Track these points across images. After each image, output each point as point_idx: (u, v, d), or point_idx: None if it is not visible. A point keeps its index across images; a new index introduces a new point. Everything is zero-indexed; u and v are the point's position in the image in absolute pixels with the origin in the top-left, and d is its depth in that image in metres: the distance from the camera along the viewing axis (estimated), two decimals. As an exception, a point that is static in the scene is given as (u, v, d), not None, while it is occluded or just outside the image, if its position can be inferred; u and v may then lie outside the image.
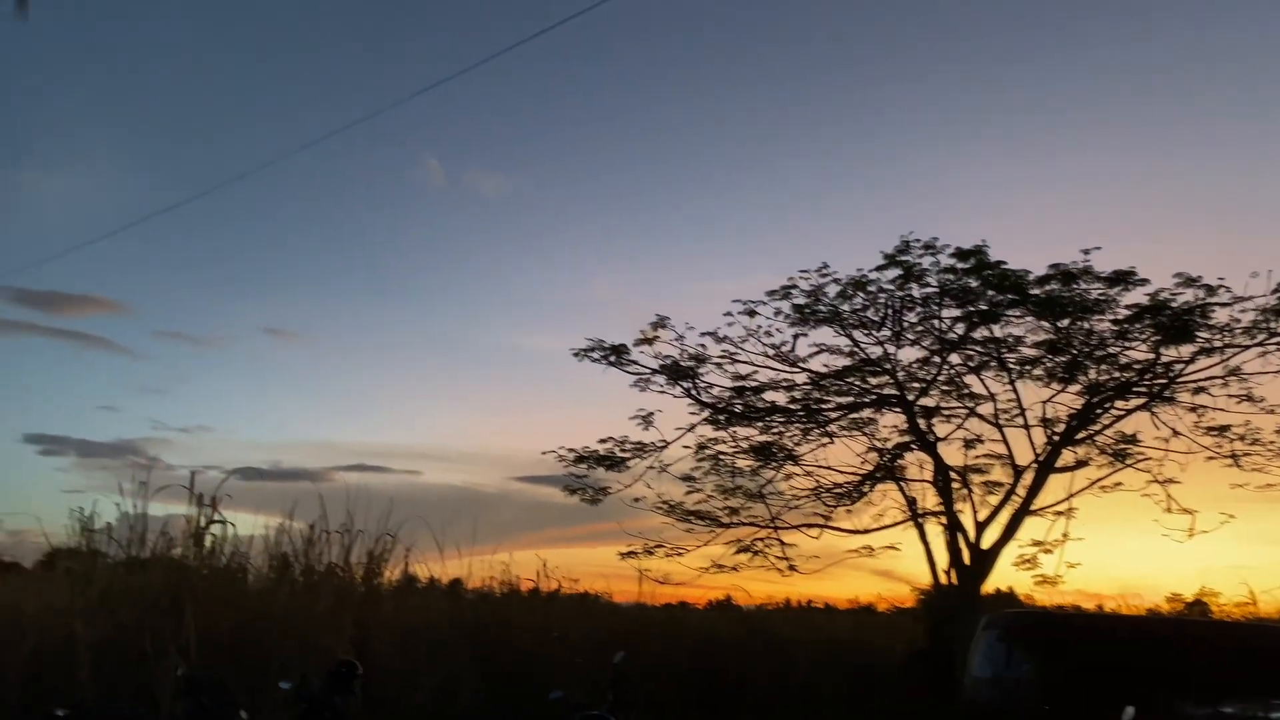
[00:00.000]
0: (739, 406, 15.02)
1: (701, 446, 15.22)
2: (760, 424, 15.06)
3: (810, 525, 14.78)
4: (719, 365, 14.78)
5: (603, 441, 15.30)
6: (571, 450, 15.32)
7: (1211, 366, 13.67)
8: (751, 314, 14.50)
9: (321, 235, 46.29)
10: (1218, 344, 13.59)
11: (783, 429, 15.05)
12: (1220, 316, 13.30)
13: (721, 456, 15.25)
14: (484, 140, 46.03)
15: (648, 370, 14.93)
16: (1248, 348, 13.51)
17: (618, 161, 45.07)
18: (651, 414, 14.95)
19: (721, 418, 15.08)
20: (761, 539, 14.74)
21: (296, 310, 47.39)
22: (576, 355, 14.93)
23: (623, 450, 15.16)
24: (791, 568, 14.62)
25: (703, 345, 14.74)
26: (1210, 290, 13.32)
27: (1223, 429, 14.18)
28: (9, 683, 11.34)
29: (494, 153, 46.90)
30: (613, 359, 14.92)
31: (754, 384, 14.80)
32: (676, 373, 14.83)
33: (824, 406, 14.98)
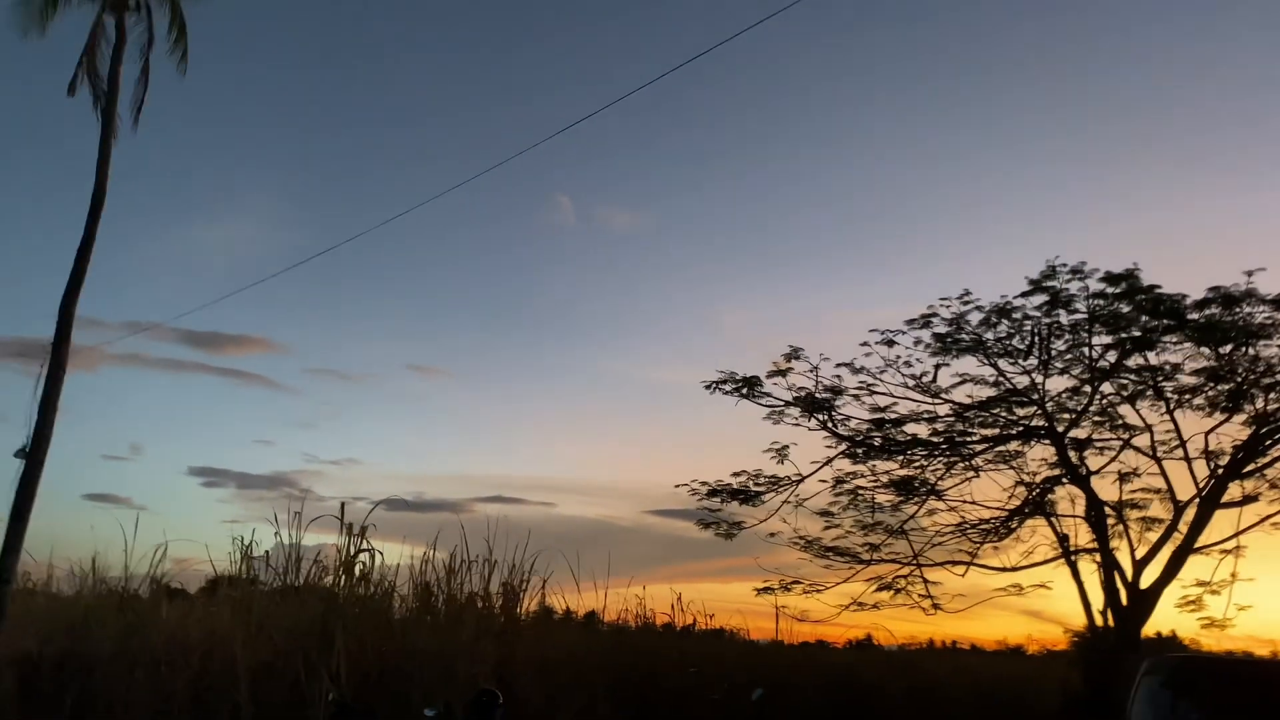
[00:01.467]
0: (878, 439, 16.04)
1: (839, 480, 16.35)
2: (901, 457, 16.03)
3: (955, 562, 15.67)
4: (856, 397, 15.84)
5: (736, 475, 16.56)
6: (704, 484, 16.67)
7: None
8: (890, 344, 15.58)
9: (462, 274, 50.76)
10: (1407, 369, 14.22)
11: (924, 462, 16.02)
12: None
13: (860, 491, 16.34)
14: (613, 177, 49.38)
15: (781, 402, 16.10)
16: None
17: (745, 195, 47.39)
18: (786, 447, 16.06)
19: (859, 451, 16.11)
20: (903, 576, 15.71)
21: (439, 347, 52.18)
22: (708, 388, 16.46)
23: (756, 484, 16.47)
24: (936, 606, 15.49)
25: (838, 376, 15.87)
26: None
27: None
28: (177, 702, 13.75)
29: (623, 189, 50.32)
30: (745, 391, 16.34)
31: (893, 416, 15.81)
32: (811, 404, 16.14)
33: (968, 439, 15.86)
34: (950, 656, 21.41)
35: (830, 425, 16.17)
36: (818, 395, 16.10)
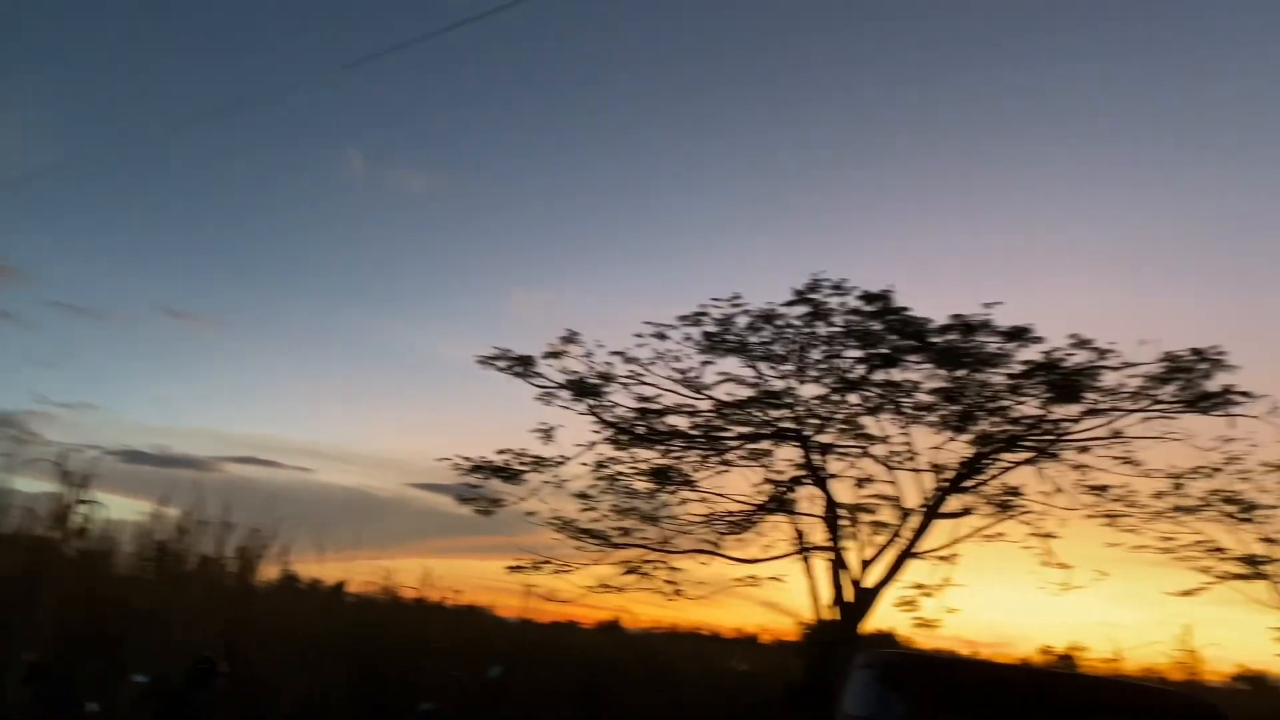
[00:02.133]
0: (641, 428, 16.93)
1: (600, 465, 17.15)
2: (661, 447, 17.03)
3: (700, 551, 16.84)
4: (625, 385, 16.74)
5: (501, 452, 17.08)
6: (467, 459, 17.08)
7: (1097, 427, 16.20)
8: (662, 337, 16.57)
9: (236, 218, 47.81)
10: (1104, 406, 16.31)
11: (682, 454, 17.12)
12: (1109, 380, 15.87)
13: (619, 476, 17.24)
14: (410, 137, 48.11)
15: (553, 384, 16.83)
16: (1131, 412, 16.19)
17: (546, 176, 47.64)
18: (553, 428, 16.78)
19: (623, 438, 16.98)
20: (650, 561, 16.77)
21: (203, 293, 48.99)
22: (482, 363, 17.00)
23: (520, 463, 17.06)
24: (678, 592, 16.67)
25: (610, 364, 16.71)
26: (1101, 353, 15.81)
27: (1102, 489, 16.74)
28: None
29: (419, 152, 49.08)
30: (519, 370, 17.03)
31: (658, 407, 16.83)
32: (582, 389, 16.79)
33: (724, 435, 17.08)
34: (689, 642, 23.13)
35: (598, 411, 17.11)
36: (589, 380, 16.99)
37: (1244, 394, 15.37)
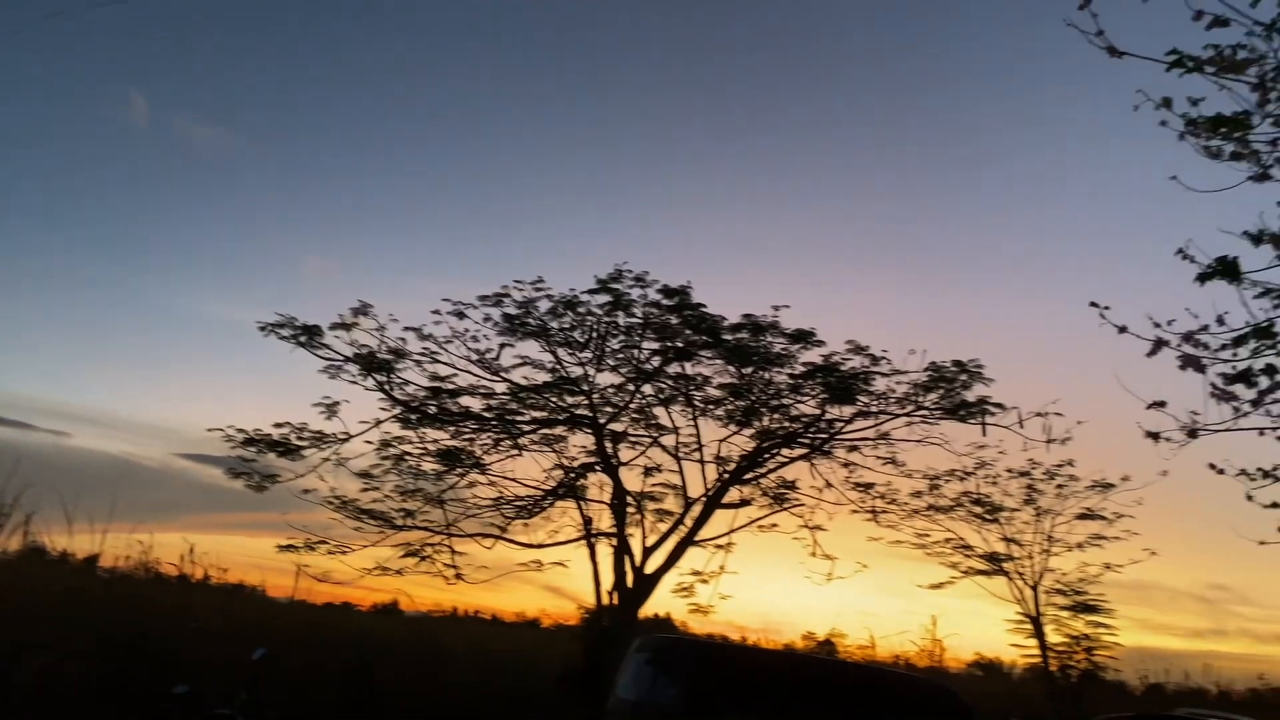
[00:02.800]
0: (432, 408, 16.77)
1: (386, 444, 16.73)
2: (451, 428, 16.87)
3: (485, 535, 16.74)
4: (418, 363, 16.38)
5: (278, 426, 16.28)
6: (242, 431, 16.21)
7: (866, 429, 17.42)
8: (460, 316, 16.29)
9: None
10: (874, 409, 17.81)
11: (474, 436, 17.00)
12: (879, 385, 17.06)
13: (406, 456, 16.88)
14: (201, 86, 44.74)
15: (341, 357, 16.23)
16: (897, 416, 17.69)
17: (349, 143, 45.65)
18: (337, 403, 16.10)
19: (413, 417, 16.64)
20: (433, 545, 16.54)
21: None
22: (263, 330, 16.23)
23: (300, 438, 16.55)
24: (459, 576, 16.69)
25: (403, 340, 16.29)
26: (874, 360, 17.10)
27: (868, 486, 18.10)
28: None
29: (211, 102, 45.71)
30: (304, 340, 16.40)
31: (451, 387, 16.59)
32: (371, 364, 16.53)
33: (518, 419, 17.17)
34: (469, 625, 23.14)
35: (387, 387, 16.67)
36: (380, 356, 16.54)
37: (997, 405, 16.86)
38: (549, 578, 17.72)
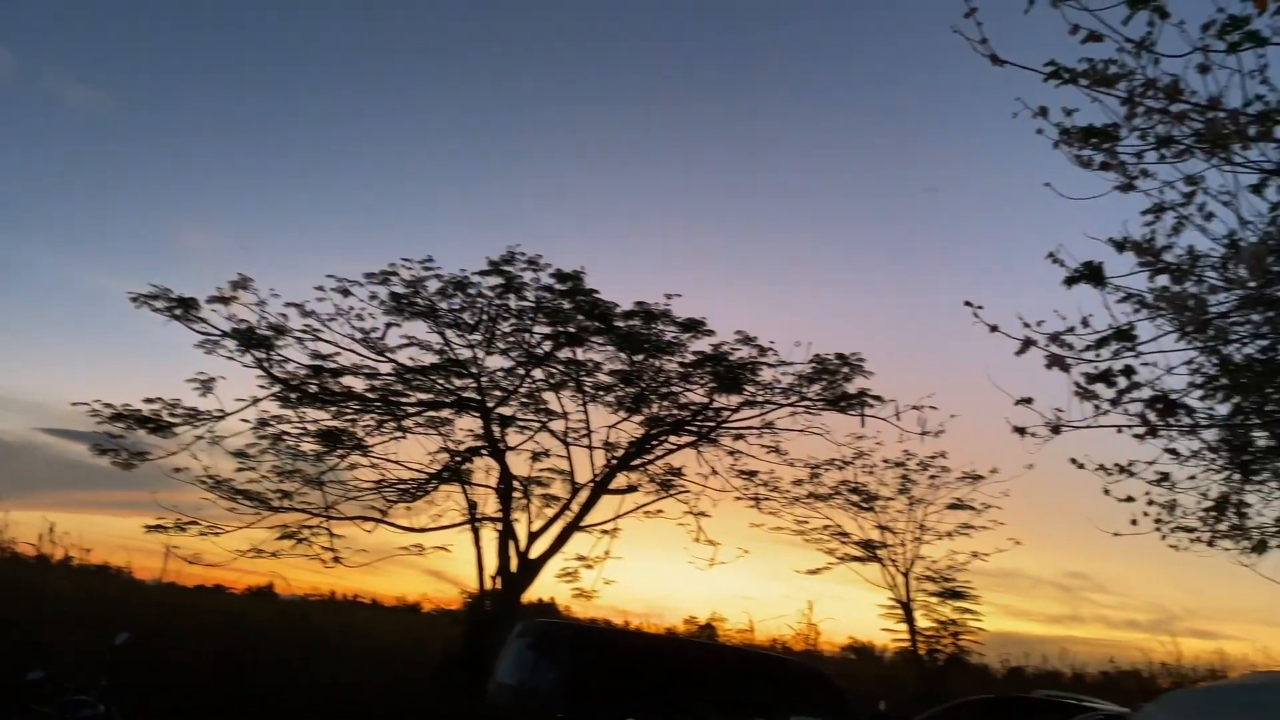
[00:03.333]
0: (314, 387, 16.36)
1: (264, 423, 16.22)
2: (333, 408, 16.45)
3: (366, 518, 16.46)
4: (300, 340, 15.87)
5: (149, 401, 15.57)
6: (109, 405, 15.64)
7: (752, 418, 17.73)
8: (345, 293, 15.84)
9: None
10: (760, 399, 18.22)
11: (356, 417, 16.62)
12: (766, 375, 17.39)
13: (284, 436, 16.39)
14: (76, 43, 42.22)
15: (218, 332, 15.74)
16: (782, 406, 18.15)
17: (234, 110, 43.78)
18: (213, 380, 15.47)
19: (292, 396, 16.16)
20: (310, 527, 16.18)
21: None
22: (135, 301, 15.54)
23: (172, 414, 15.96)
24: (337, 559, 16.24)
25: (285, 316, 15.72)
26: (762, 351, 17.48)
27: (751, 474, 18.48)
28: None
29: (86, 60, 43.15)
30: (179, 313, 15.80)
31: (334, 366, 16.14)
32: (250, 340, 16.01)
33: (403, 400, 16.84)
34: (348, 610, 22.71)
35: (266, 365, 16.16)
36: (259, 331, 16.00)
37: (876, 397, 17.39)
38: (432, 562, 17.55)
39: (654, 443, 17.92)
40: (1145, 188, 5.30)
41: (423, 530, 17.15)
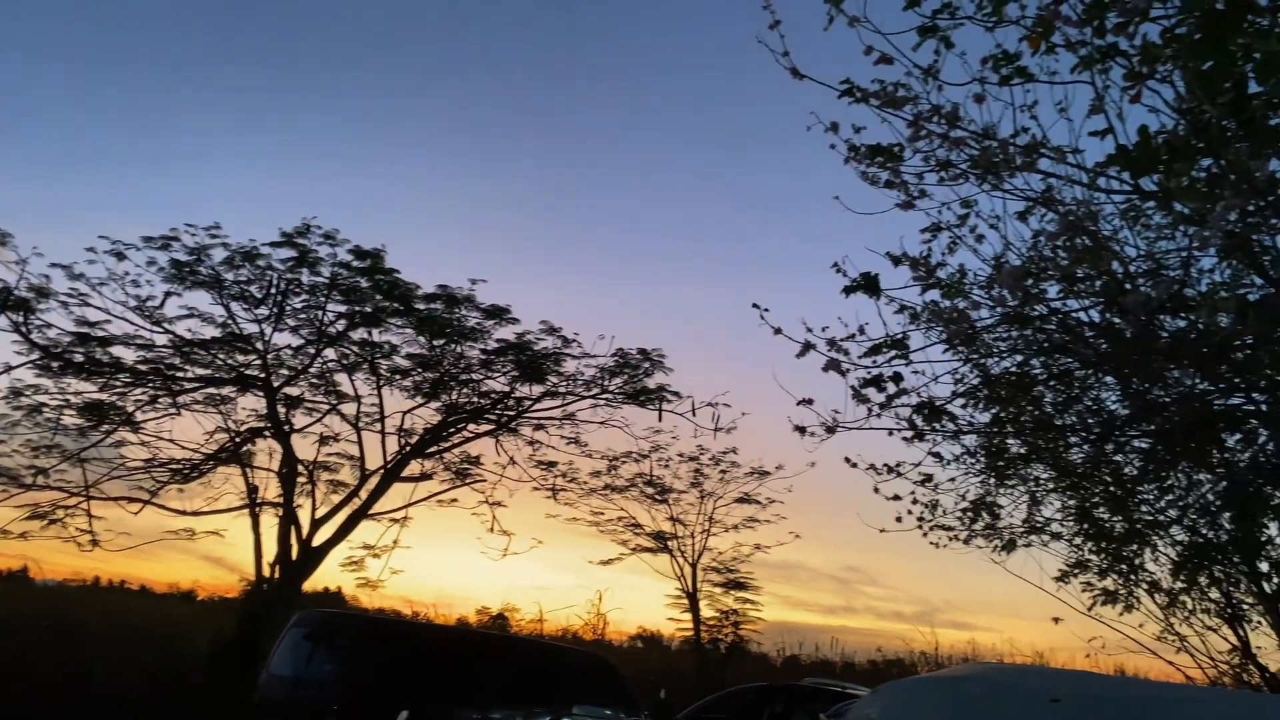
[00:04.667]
0: (79, 356, 15.36)
1: (18, 392, 15.05)
2: (100, 380, 15.39)
3: (132, 499, 15.44)
4: (64, 305, 14.72)
5: None
6: None
7: (553, 409, 17.77)
8: (120, 257, 14.76)
9: None
10: (562, 390, 18.31)
11: (126, 390, 15.54)
12: (569, 366, 17.43)
13: (43, 408, 15.26)
14: None
15: (-35, 291, 14.61)
16: (583, 398, 18.34)
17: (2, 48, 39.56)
18: None
19: (54, 365, 15.10)
20: (67, 507, 15.05)
21: None
22: None
23: (-94, 380, 14.55)
24: (95, 542, 15.23)
25: (48, 278, 14.57)
26: (566, 342, 17.65)
27: (550, 464, 18.68)
28: None
29: None
30: (-81, 267, 14.30)
31: (103, 334, 15.05)
32: (6, 301, 14.72)
33: (181, 375, 15.88)
34: (113, 596, 21.20)
35: (25, 329, 14.85)
36: (17, 292, 14.66)
37: (674, 393, 17.80)
38: (209, 548, 16.65)
39: (451, 430, 17.64)
40: (924, 207, 5.65)
41: (196, 514, 16.23)
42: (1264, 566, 9.12)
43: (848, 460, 6.77)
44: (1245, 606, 9.51)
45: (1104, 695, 4.01)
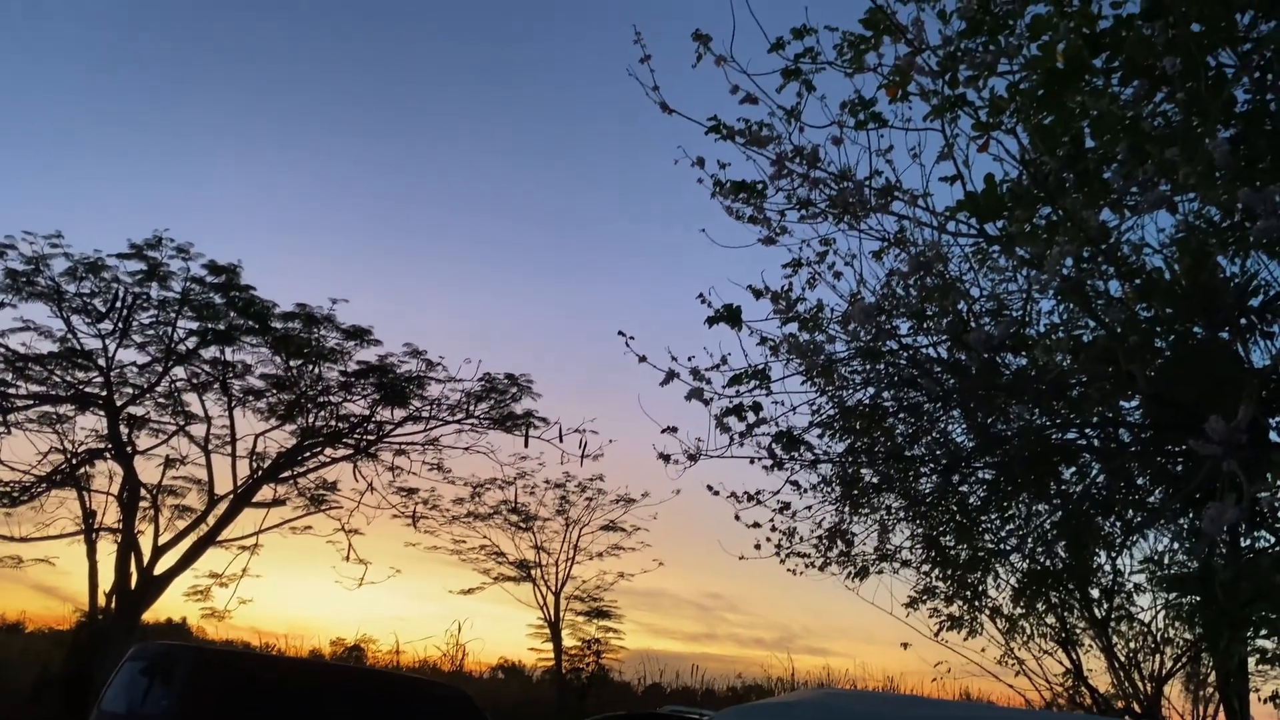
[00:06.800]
0: None
1: None
2: (-79, 395, 14.58)
3: (-48, 525, 14.68)
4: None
5: None
6: None
7: (416, 433, 17.46)
8: (-53, 263, 14.27)
9: None
10: (426, 414, 18.01)
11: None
12: (433, 390, 17.38)
13: None
14: None
15: None
16: (448, 423, 18.16)
17: None
18: None
19: None
20: None
21: None
22: None
23: None
24: (-92, 569, 14.41)
25: None
26: (431, 365, 17.42)
27: (411, 491, 18.21)
28: None
29: None
30: None
31: (-77, 346, 14.34)
32: None
33: (11, 391, 14.94)
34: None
35: None
36: None
37: (542, 419, 17.70)
38: (40, 576, 15.56)
39: (307, 454, 17.07)
40: (786, 243, 5.80)
41: (25, 540, 15.19)
42: (1095, 593, 9.67)
43: (710, 488, 6.85)
44: (1078, 631, 10.05)
45: (930, 718, 4.16)
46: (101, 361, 15.24)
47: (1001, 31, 4.32)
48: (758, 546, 7.61)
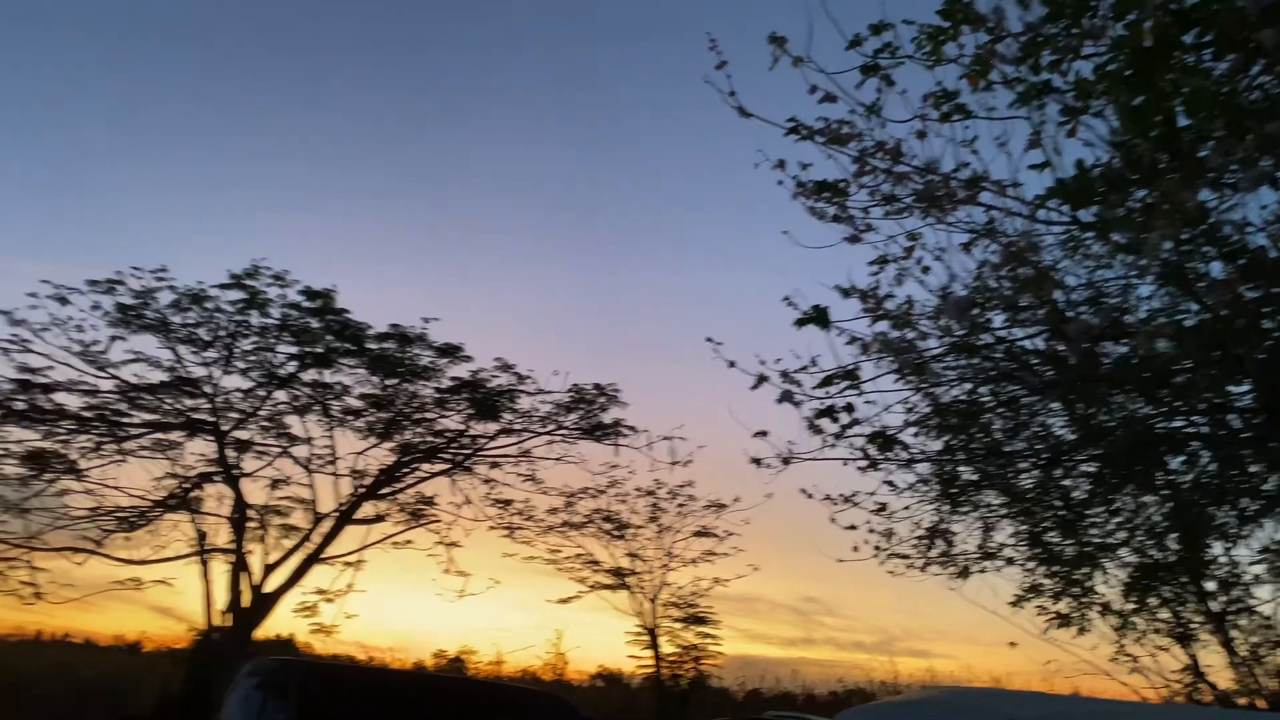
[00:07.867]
0: (21, 403, 15.11)
1: (-45, 441, 14.89)
2: (43, 428, 15.07)
3: (76, 549, 15.10)
4: (5, 352, 14.46)
5: None
6: None
7: (508, 446, 17.74)
8: (63, 301, 14.63)
9: None
10: (517, 427, 18.31)
11: (69, 438, 15.17)
12: (524, 403, 17.54)
13: (-17, 458, 15.11)
14: None
15: (-99, 338, 14.20)
16: (539, 434, 18.41)
17: None
18: None
19: (-6, 413, 15.05)
20: (8, 559, 14.66)
21: None
22: None
23: None
24: (37, 595, 14.91)
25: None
26: (520, 379, 17.68)
27: (507, 503, 18.42)
28: None
29: None
30: None
31: (45, 380, 14.80)
32: (-56, 350, 14.39)
33: (126, 421, 15.56)
34: (55, 650, 20.57)
35: (-37, 377, 14.50)
36: (-45, 341, 14.34)
37: (630, 427, 17.80)
38: (157, 597, 16.23)
39: (405, 470, 17.45)
40: (871, 241, 5.76)
41: (143, 563, 15.85)
42: (1210, 585, 9.32)
43: (804, 491, 6.82)
44: (1194, 626, 9.69)
45: (1060, 713, 4.06)
46: (208, 389, 15.81)
47: (1084, 14, 4.23)
48: (856, 549, 7.55)
